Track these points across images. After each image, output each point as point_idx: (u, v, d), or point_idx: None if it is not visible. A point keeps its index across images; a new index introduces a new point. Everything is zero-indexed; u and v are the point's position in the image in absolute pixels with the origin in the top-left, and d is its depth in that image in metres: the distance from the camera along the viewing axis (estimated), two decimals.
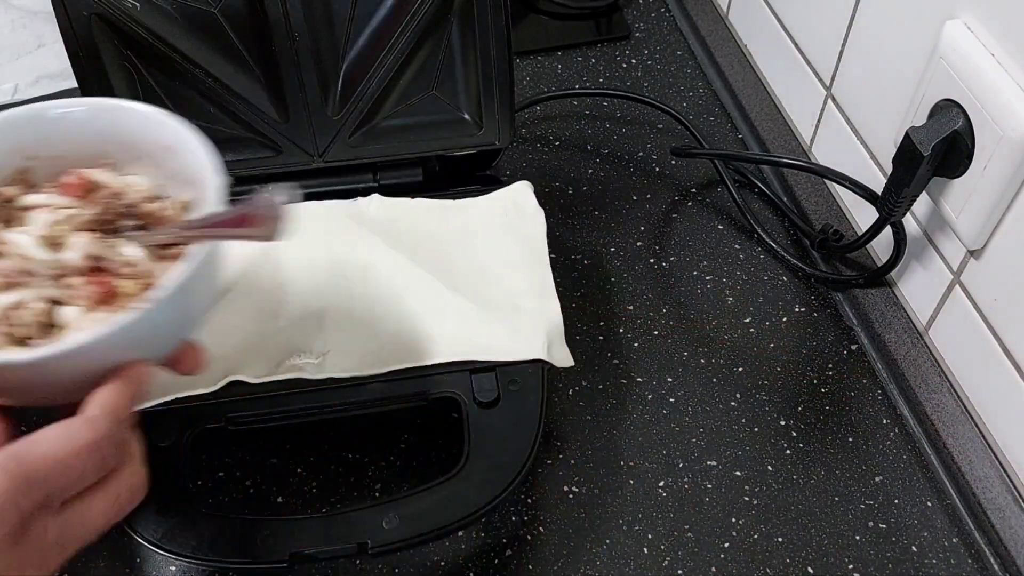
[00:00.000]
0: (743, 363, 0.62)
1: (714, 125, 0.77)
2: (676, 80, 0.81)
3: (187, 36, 0.57)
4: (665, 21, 0.86)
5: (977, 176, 0.49)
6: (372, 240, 0.58)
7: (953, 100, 0.50)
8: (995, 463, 0.54)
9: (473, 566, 0.53)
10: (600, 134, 0.76)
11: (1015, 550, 0.52)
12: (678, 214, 0.71)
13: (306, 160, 0.61)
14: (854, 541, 0.54)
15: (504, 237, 0.59)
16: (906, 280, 0.61)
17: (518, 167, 0.73)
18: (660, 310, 0.64)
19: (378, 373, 0.52)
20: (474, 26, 0.58)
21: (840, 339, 0.63)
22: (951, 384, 0.57)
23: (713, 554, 0.53)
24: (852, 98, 0.63)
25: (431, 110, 0.62)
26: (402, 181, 0.62)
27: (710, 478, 0.56)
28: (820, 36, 0.66)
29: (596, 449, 0.57)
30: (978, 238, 0.51)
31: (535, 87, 0.80)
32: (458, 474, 0.49)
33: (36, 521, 0.35)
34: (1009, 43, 0.47)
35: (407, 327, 0.55)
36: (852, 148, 0.64)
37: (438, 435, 0.57)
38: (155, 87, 0.59)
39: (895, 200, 0.54)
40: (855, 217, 0.66)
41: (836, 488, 0.56)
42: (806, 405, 0.60)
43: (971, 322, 0.54)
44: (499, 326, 0.54)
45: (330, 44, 0.59)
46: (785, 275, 0.66)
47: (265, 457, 0.57)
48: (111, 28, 0.56)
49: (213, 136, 0.60)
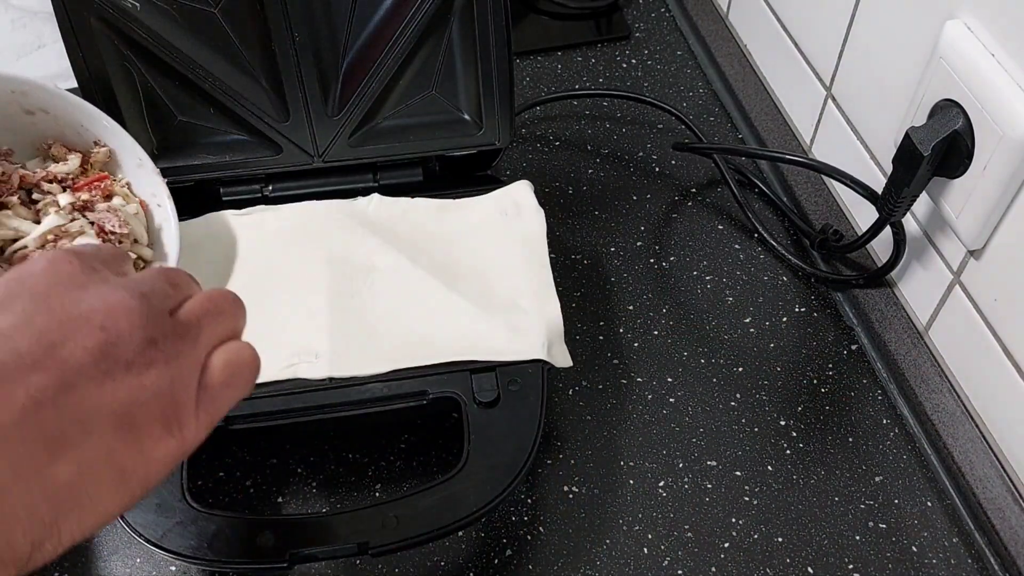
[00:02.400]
0: (743, 363, 0.62)
1: (714, 125, 0.77)
2: (676, 80, 0.81)
3: (187, 36, 0.57)
4: (665, 21, 0.86)
5: (977, 176, 0.49)
6: (372, 240, 0.58)
7: (953, 100, 0.50)
8: (995, 463, 0.54)
9: (473, 566, 0.53)
10: (600, 134, 0.76)
11: (1015, 550, 0.52)
12: (678, 214, 0.71)
13: (306, 160, 0.61)
14: (854, 541, 0.54)
15: (504, 237, 0.59)
16: (906, 280, 0.61)
17: (518, 167, 0.73)
18: (660, 310, 0.64)
19: (378, 373, 0.53)
20: (474, 26, 0.58)
21: (840, 339, 0.63)
22: (951, 384, 0.57)
23: (713, 554, 0.53)
24: (852, 98, 0.63)
25: (431, 110, 0.62)
26: (402, 181, 0.62)
27: (710, 478, 0.56)
28: (820, 36, 0.66)
29: (596, 449, 0.57)
30: (978, 238, 0.51)
31: (535, 87, 0.80)
32: (458, 474, 0.49)
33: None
34: (1009, 43, 0.47)
35: (407, 327, 0.55)
36: (852, 148, 0.64)
37: (438, 435, 0.57)
38: (155, 87, 0.59)
39: (895, 200, 0.54)
40: (855, 217, 0.66)
41: (836, 488, 0.56)
42: (806, 405, 0.60)
43: (971, 322, 0.54)
44: (499, 326, 0.54)
45: (330, 44, 0.59)
46: (785, 275, 0.66)
47: (265, 457, 0.57)
48: (111, 28, 0.56)
49: (213, 136, 0.61)
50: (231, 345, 0.37)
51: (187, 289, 0.37)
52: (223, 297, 0.38)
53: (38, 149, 0.55)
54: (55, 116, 0.54)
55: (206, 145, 0.61)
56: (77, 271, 0.33)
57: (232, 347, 0.37)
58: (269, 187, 0.62)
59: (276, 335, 0.54)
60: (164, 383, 0.33)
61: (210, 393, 0.35)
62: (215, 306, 0.37)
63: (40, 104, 0.53)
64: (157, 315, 0.34)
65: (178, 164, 0.60)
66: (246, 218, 0.60)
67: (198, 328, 0.35)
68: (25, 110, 0.53)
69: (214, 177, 0.61)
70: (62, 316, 0.32)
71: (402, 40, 0.58)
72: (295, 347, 0.54)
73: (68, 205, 0.52)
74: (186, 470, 0.49)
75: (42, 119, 0.54)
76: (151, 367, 0.32)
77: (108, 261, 0.36)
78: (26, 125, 0.54)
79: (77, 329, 0.31)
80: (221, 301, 0.37)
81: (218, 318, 0.37)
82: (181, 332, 0.34)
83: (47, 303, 0.32)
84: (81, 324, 0.32)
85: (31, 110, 0.53)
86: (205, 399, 0.35)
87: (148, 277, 0.36)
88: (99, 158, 0.55)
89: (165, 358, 0.33)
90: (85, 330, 0.31)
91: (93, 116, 0.54)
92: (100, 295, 0.33)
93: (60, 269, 0.33)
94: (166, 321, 0.34)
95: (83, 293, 0.33)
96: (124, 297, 0.33)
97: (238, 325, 0.38)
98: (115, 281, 0.34)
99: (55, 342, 0.31)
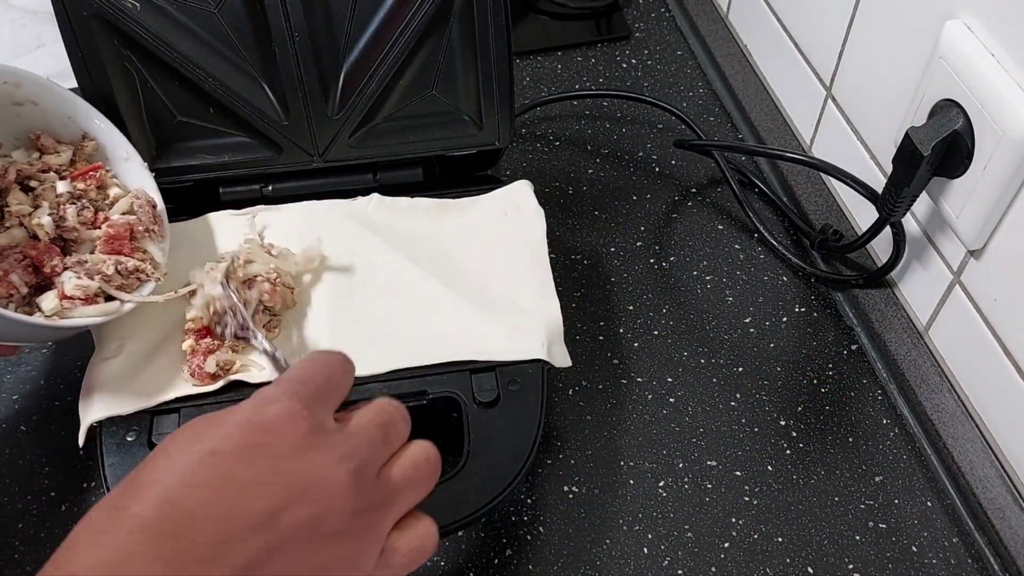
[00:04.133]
0: (743, 363, 0.62)
1: (714, 125, 0.77)
2: (676, 80, 0.81)
3: (187, 36, 0.57)
4: (665, 21, 0.86)
5: (977, 176, 0.49)
6: (372, 240, 0.58)
7: (953, 100, 0.50)
8: (995, 463, 0.54)
9: (473, 566, 0.53)
10: (600, 134, 0.76)
11: (1015, 550, 0.52)
12: (678, 214, 0.71)
13: (306, 160, 0.61)
14: (854, 541, 0.54)
15: (504, 237, 0.59)
16: (906, 280, 0.61)
17: (518, 167, 0.73)
18: (660, 310, 0.64)
19: (378, 373, 0.52)
20: (474, 26, 0.58)
21: (840, 339, 0.63)
22: (951, 384, 0.57)
23: (713, 554, 0.53)
24: (852, 98, 0.63)
25: (431, 110, 0.62)
26: (402, 181, 0.62)
27: (710, 478, 0.56)
28: (820, 36, 0.66)
29: (596, 449, 0.57)
30: (978, 238, 0.51)
31: (535, 87, 0.80)
32: (458, 474, 0.49)
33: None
34: (1009, 43, 0.47)
35: (407, 327, 0.55)
36: (852, 148, 0.64)
37: (438, 435, 0.57)
38: (155, 87, 0.59)
39: (895, 200, 0.54)
40: (855, 217, 0.66)
41: (836, 488, 0.56)
42: (806, 405, 0.60)
43: (971, 322, 0.54)
44: (499, 326, 0.54)
45: (330, 44, 0.59)
46: (785, 275, 0.66)
47: None
48: (111, 28, 0.56)
49: (213, 136, 0.61)
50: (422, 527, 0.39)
51: (398, 439, 0.39)
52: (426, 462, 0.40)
53: (23, 139, 0.56)
54: (43, 108, 0.55)
55: (206, 145, 0.61)
56: (308, 431, 0.36)
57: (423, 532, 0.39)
58: (269, 187, 0.62)
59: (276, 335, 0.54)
60: (355, 550, 0.36)
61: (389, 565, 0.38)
62: (417, 473, 0.39)
63: (30, 96, 0.54)
64: (367, 486, 0.36)
65: (177, 164, 0.60)
66: (246, 218, 0.60)
67: (397, 494, 0.38)
68: (14, 101, 0.54)
69: (214, 177, 0.61)
70: (290, 482, 0.34)
71: (402, 40, 0.58)
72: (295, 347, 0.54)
73: (66, 193, 0.53)
74: None
75: (29, 110, 0.55)
76: (347, 539, 0.35)
77: (326, 399, 0.38)
78: (12, 116, 0.54)
79: (300, 498, 0.34)
80: (424, 467, 0.40)
81: (417, 488, 0.39)
82: (382, 500, 0.37)
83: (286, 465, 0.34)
84: (303, 494, 0.34)
85: (20, 101, 0.54)
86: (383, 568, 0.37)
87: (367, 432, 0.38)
88: (88, 151, 0.56)
89: (362, 529, 0.36)
90: (305, 500, 0.34)
91: (83, 110, 0.55)
92: (324, 464, 0.35)
93: (298, 428, 0.35)
94: (373, 491, 0.37)
95: (312, 458, 0.35)
96: (341, 472, 0.35)
97: (428, 492, 0.40)
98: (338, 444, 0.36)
99: (280, 508, 0.33)
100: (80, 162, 0.55)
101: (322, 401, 0.38)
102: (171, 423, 0.50)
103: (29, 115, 0.55)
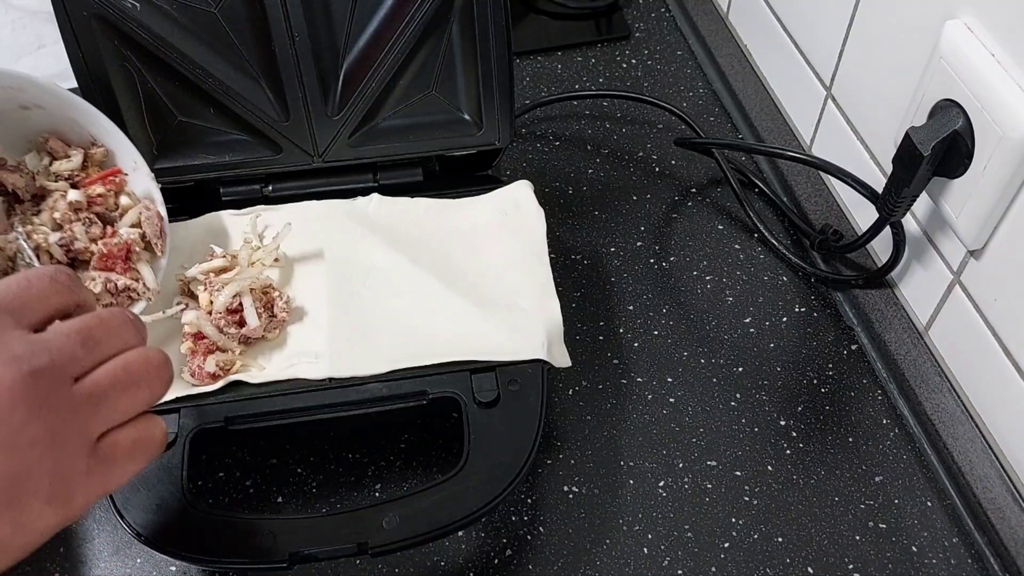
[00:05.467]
0: (743, 363, 0.62)
1: (714, 125, 0.77)
2: (676, 80, 0.81)
3: (187, 36, 0.57)
4: (665, 21, 0.86)
5: (977, 176, 0.49)
6: (372, 240, 0.58)
7: (953, 100, 0.50)
8: (995, 463, 0.54)
9: (473, 566, 0.53)
10: (600, 134, 0.76)
11: (1015, 550, 0.52)
12: (678, 214, 0.71)
13: (306, 160, 0.61)
14: (854, 541, 0.54)
15: (504, 237, 0.59)
16: (906, 280, 0.61)
17: (518, 167, 0.73)
18: (660, 310, 0.64)
19: (378, 373, 0.52)
20: (474, 26, 0.58)
21: (840, 339, 0.63)
22: (951, 384, 0.57)
23: (713, 554, 0.53)
24: (852, 98, 0.63)
25: (431, 110, 0.62)
26: (402, 181, 0.62)
27: (710, 478, 0.56)
28: (820, 36, 0.66)
29: (596, 449, 0.57)
30: (978, 238, 0.51)
31: (535, 87, 0.80)
32: (458, 474, 0.49)
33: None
34: (1009, 43, 0.47)
35: (407, 327, 0.55)
36: (852, 148, 0.64)
37: (438, 435, 0.58)
38: (155, 87, 0.59)
39: (895, 200, 0.54)
40: (855, 217, 0.66)
41: (836, 488, 0.56)
42: (806, 405, 0.60)
43: (971, 322, 0.54)
44: (499, 326, 0.54)
45: (330, 44, 0.59)
46: (785, 275, 0.66)
47: (265, 457, 0.57)
48: (111, 28, 0.56)
49: (213, 136, 0.61)
50: (142, 422, 0.37)
51: (111, 345, 0.36)
52: (144, 363, 0.37)
53: (32, 143, 0.56)
54: (50, 112, 0.54)
55: (206, 145, 0.61)
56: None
57: (142, 425, 0.37)
58: (269, 187, 0.62)
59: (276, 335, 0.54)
60: (48, 460, 0.33)
61: (108, 466, 0.35)
62: (129, 376, 0.36)
63: (36, 100, 0.54)
64: (48, 391, 0.33)
65: (178, 164, 0.60)
66: (246, 218, 0.60)
67: (100, 401, 0.35)
68: (20, 105, 0.54)
69: (214, 177, 0.61)
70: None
71: (402, 40, 0.58)
72: (295, 347, 0.54)
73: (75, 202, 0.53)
74: (186, 470, 0.49)
75: (37, 114, 0.54)
76: (33, 446, 0.32)
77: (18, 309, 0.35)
78: (19, 120, 0.54)
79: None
80: (139, 369, 0.37)
81: (129, 390, 0.36)
82: (76, 407, 0.34)
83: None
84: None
85: (27, 105, 0.54)
86: (100, 471, 0.35)
87: (59, 338, 0.35)
88: (98, 156, 0.56)
89: (51, 435, 0.33)
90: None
91: (92, 117, 0.54)
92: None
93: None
94: (59, 396, 0.34)
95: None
96: (12, 373, 0.32)
97: (155, 394, 0.38)
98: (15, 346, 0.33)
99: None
100: (92, 168, 0.55)
101: (11, 311, 0.35)
102: (171, 423, 0.50)
103: (37, 118, 0.55)
